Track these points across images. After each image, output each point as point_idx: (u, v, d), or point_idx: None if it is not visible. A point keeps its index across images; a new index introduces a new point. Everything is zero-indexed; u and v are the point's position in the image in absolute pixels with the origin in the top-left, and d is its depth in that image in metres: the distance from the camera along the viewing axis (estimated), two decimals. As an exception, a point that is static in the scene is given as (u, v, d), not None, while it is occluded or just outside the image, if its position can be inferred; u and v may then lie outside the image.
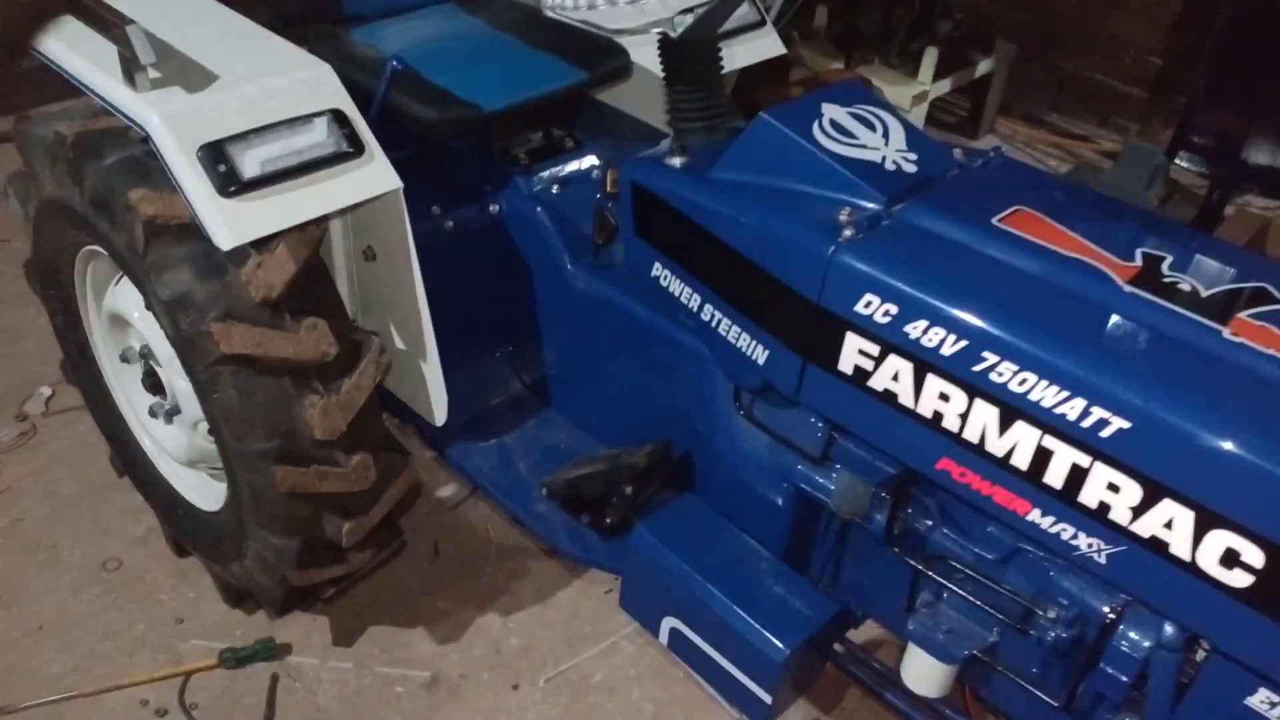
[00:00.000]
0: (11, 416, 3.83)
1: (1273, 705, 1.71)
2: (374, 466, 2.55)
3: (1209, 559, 1.67)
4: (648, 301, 2.53)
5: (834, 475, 2.21)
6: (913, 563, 2.17)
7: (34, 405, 3.88)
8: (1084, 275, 1.86)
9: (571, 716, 3.00)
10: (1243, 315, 1.77)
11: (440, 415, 2.68)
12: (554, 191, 2.74)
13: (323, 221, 2.34)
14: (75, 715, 2.91)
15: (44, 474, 3.62)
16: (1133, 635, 1.93)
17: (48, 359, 3.80)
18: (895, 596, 2.31)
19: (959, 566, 2.13)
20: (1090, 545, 1.82)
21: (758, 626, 2.21)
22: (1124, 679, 1.94)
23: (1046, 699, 2.12)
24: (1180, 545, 1.69)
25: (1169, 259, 1.91)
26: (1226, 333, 1.74)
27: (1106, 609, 1.95)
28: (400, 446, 2.77)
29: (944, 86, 5.47)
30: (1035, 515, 1.86)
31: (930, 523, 2.18)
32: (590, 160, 2.83)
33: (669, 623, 2.38)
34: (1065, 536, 1.84)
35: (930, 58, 5.22)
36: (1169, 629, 1.88)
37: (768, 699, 2.23)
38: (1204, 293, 1.84)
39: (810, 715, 3.07)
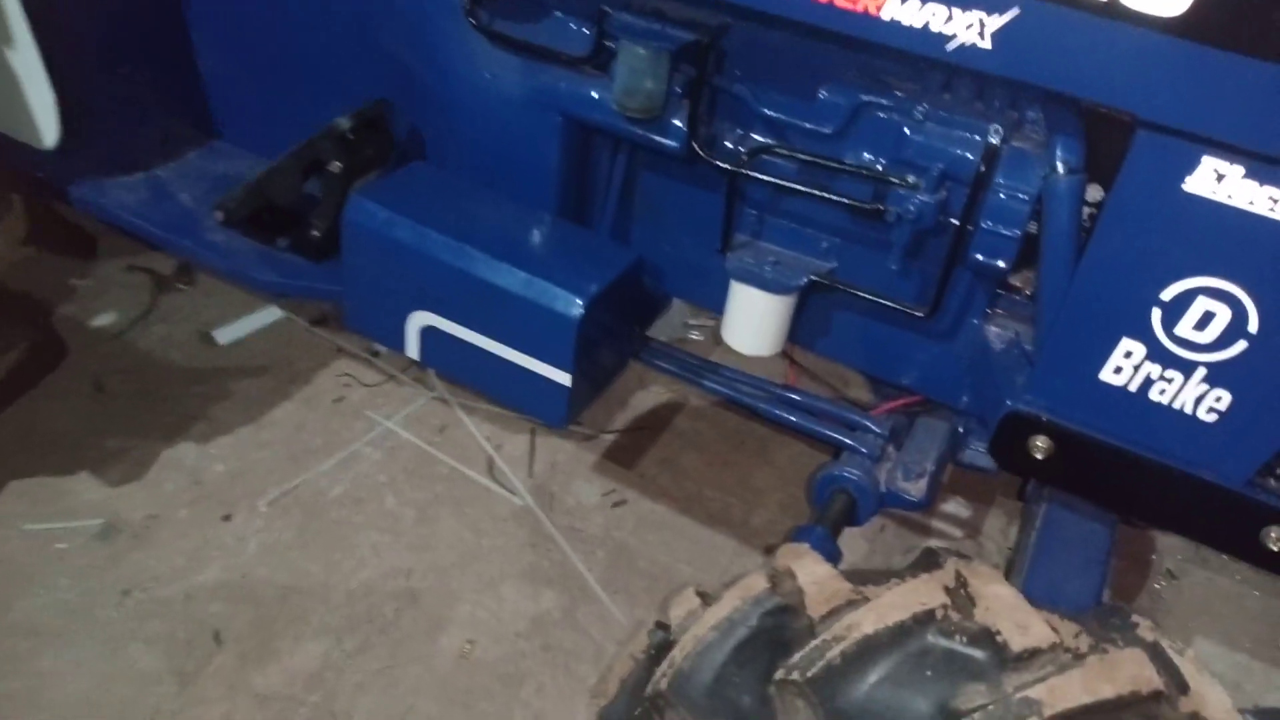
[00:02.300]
0: None
1: (1219, 177, 1.26)
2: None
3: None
4: None
5: (613, 69, 1.58)
6: (726, 167, 1.58)
7: None
8: None
9: (310, 537, 2.24)
10: None
11: (50, 132, 1.82)
12: None
13: None
14: None
15: None
16: (1016, 173, 1.44)
17: None
18: (706, 243, 1.72)
19: (787, 155, 1.56)
20: (970, 26, 1.29)
21: (541, 281, 1.55)
22: (1012, 233, 1.45)
23: (909, 310, 1.61)
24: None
25: None
26: None
27: (977, 151, 1.45)
28: (-4, 188, 1.88)
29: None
30: (894, 3, 1.31)
31: (743, 107, 1.60)
32: None
33: (417, 322, 1.67)
34: (937, 25, 1.30)
35: None
36: (1061, 146, 1.40)
37: (564, 379, 1.58)
38: None
39: (604, 488, 2.48)
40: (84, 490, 2.27)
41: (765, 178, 1.59)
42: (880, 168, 1.53)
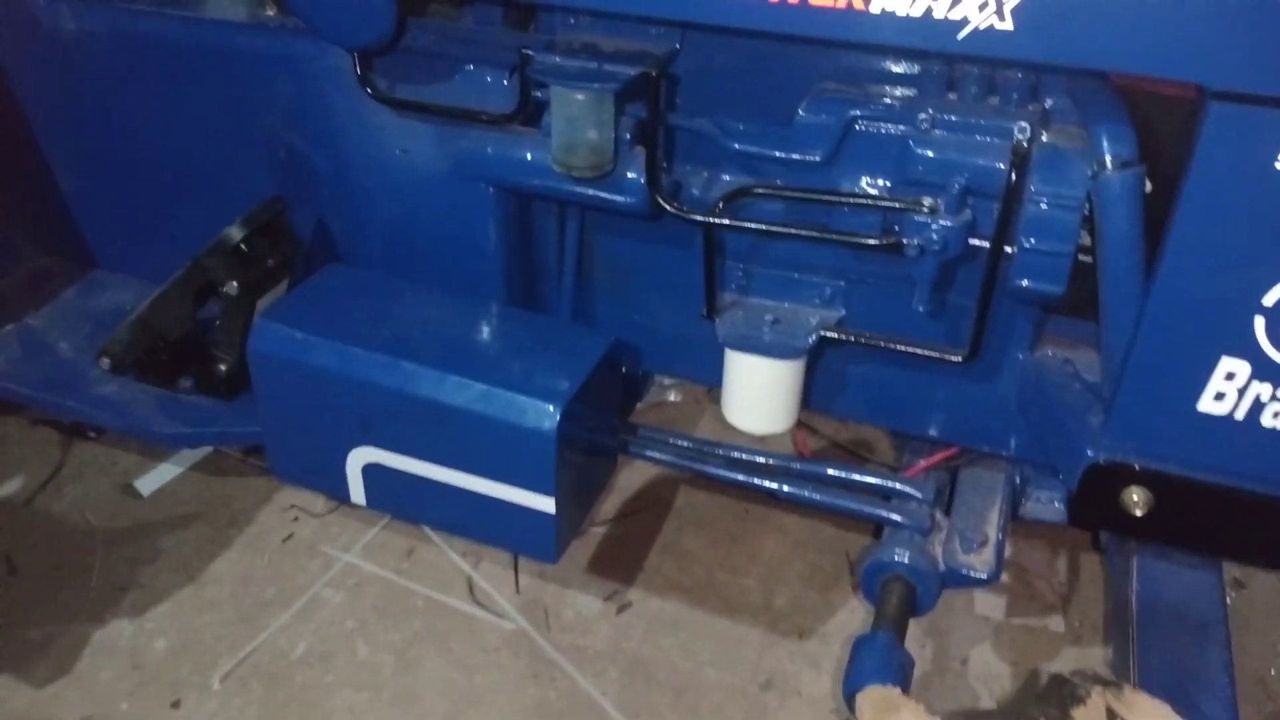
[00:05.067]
0: None
1: (1324, 146, 0.99)
2: None
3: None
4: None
5: (546, 122, 1.29)
6: (699, 219, 1.29)
7: None
8: None
9: (275, 711, 1.90)
10: None
11: None
12: None
13: None
14: None
15: None
16: (1055, 176, 1.17)
17: None
18: (687, 309, 1.42)
19: (771, 194, 1.28)
20: (984, 6, 1.01)
21: (501, 392, 1.24)
22: (1063, 249, 1.17)
23: (942, 355, 1.32)
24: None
25: None
26: None
27: (1003, 157, 1.17)
28: None
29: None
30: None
31: (709, 145, 1.31)
32: None
33: (358, 460, 1.35)
34: (942, 10, 1.03)
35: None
36: (1108, 137, 1.13)
37: (547, 505, 1.27)
38: None
39: (604, 592, 2.16)
40: (7, 696, 1.91)
41: (748, 224, 1.31)
42: (887, 193, 1.25)
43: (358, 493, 1.39)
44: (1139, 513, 1.20)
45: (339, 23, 1.34)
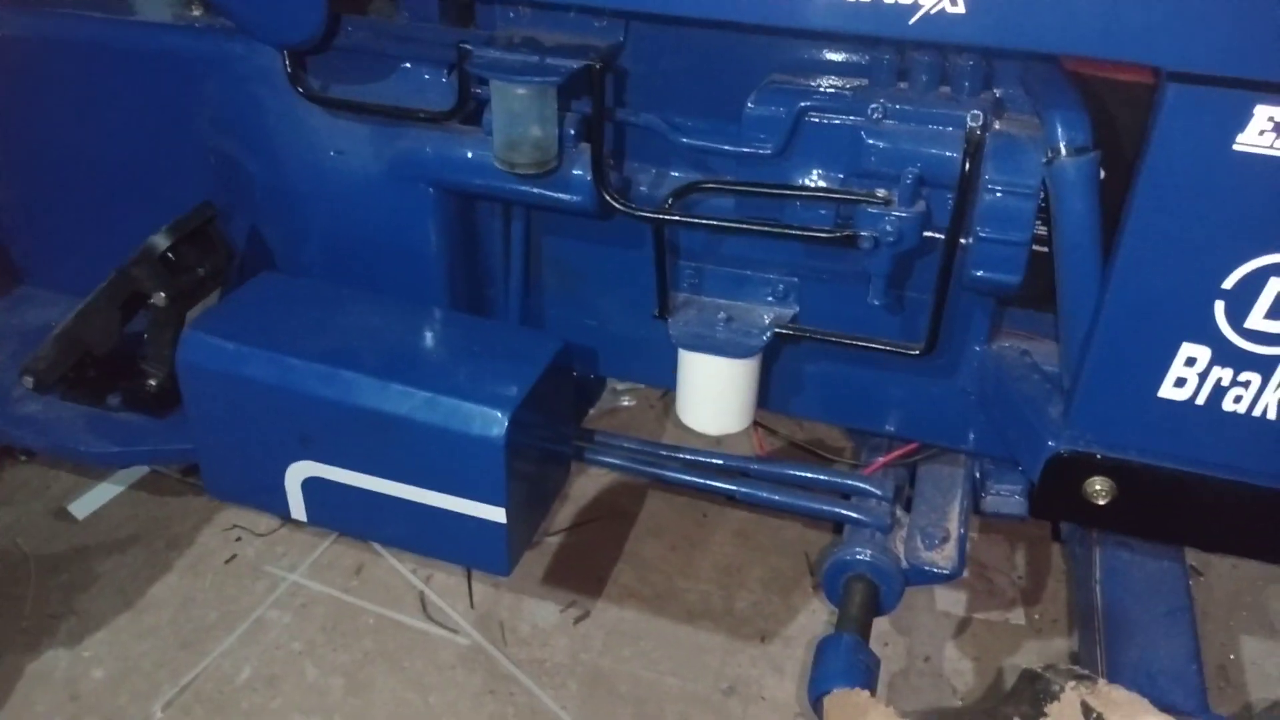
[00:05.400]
0: None
1: (1276, 125, 0.97)
2: None
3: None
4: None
5: (487, 119, 1.24)
6: (648, 216, 1.25)
7: None
8: None
9: (219, 739, 1.81)
10: None
11: None
12: None
13: None
14: None
15: None
16: (1009, 164, 1.14)
17: None
18: (639, 309, 1.38)
19: (719, 187, 1.24)
20: (938, -15, 0.99)
21: (447, 399, 1.19)
22: (1018, 238, 1.15)
23: (899, 350, 1.29)
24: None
25: None
26: None
27: (956, 146, 1.14)
28: None
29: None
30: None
31: (657, 140, 1.27)
32: None
33: (297, 475, 1.29)
34: (890, -4, 1.00)
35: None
36: (1062, 123, 1.11)
37: (498, 515, 1.22)
38: None
39: (560, 602, 2.11)
40: (-70, 737, 1.81)
41: (699, 220, 1.27)
42: (840, 185, 1.22)
43: (298, 508, 1.33)
44: (1102, 502, 1.18)
45: (267, 20, 1.29)
